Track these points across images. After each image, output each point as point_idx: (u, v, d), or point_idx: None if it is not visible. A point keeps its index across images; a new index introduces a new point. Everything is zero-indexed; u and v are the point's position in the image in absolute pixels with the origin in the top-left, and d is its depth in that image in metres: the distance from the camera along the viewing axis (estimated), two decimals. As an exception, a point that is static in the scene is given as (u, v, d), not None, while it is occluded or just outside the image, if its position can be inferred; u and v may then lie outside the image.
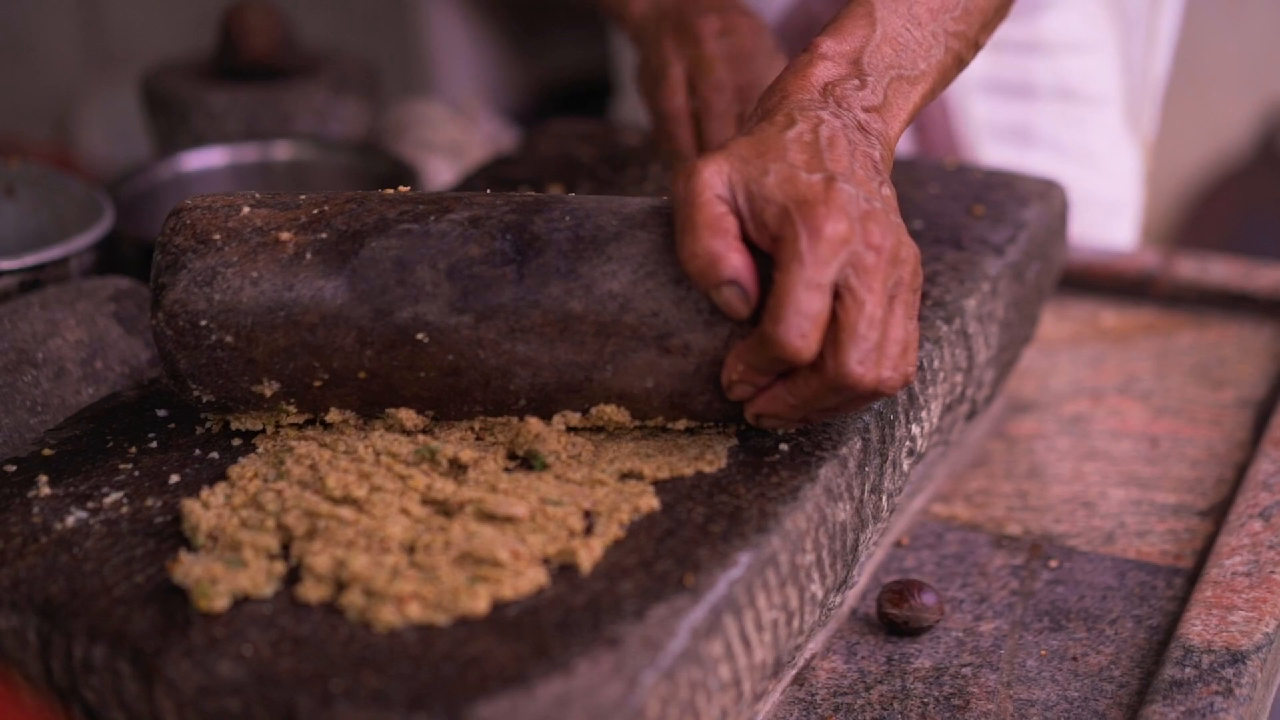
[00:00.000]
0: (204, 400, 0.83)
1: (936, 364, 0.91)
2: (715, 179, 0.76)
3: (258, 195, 0.84)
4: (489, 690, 0.65)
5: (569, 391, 0.80)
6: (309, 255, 0.80)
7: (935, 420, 0.92)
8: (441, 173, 1.42)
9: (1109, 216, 1.44)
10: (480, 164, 1.19)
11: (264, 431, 0.84)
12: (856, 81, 0.83)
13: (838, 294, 0.74)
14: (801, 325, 0.73)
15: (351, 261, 0.79)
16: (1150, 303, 1.28)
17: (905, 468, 0.88)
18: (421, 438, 0.81)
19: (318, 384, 0.80)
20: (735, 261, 0.75)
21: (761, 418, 0.79)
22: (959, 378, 0.94)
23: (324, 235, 0.80)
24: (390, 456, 0.79)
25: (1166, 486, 1.05)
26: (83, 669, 0.71)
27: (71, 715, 0.73)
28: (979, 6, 0.89)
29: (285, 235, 0.80)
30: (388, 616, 0.69)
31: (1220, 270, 1.28)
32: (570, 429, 0.81)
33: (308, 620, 0.70)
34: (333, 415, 0.82)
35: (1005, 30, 1.36)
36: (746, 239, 0.76)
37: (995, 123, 1.39)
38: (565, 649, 0.67)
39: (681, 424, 0.81)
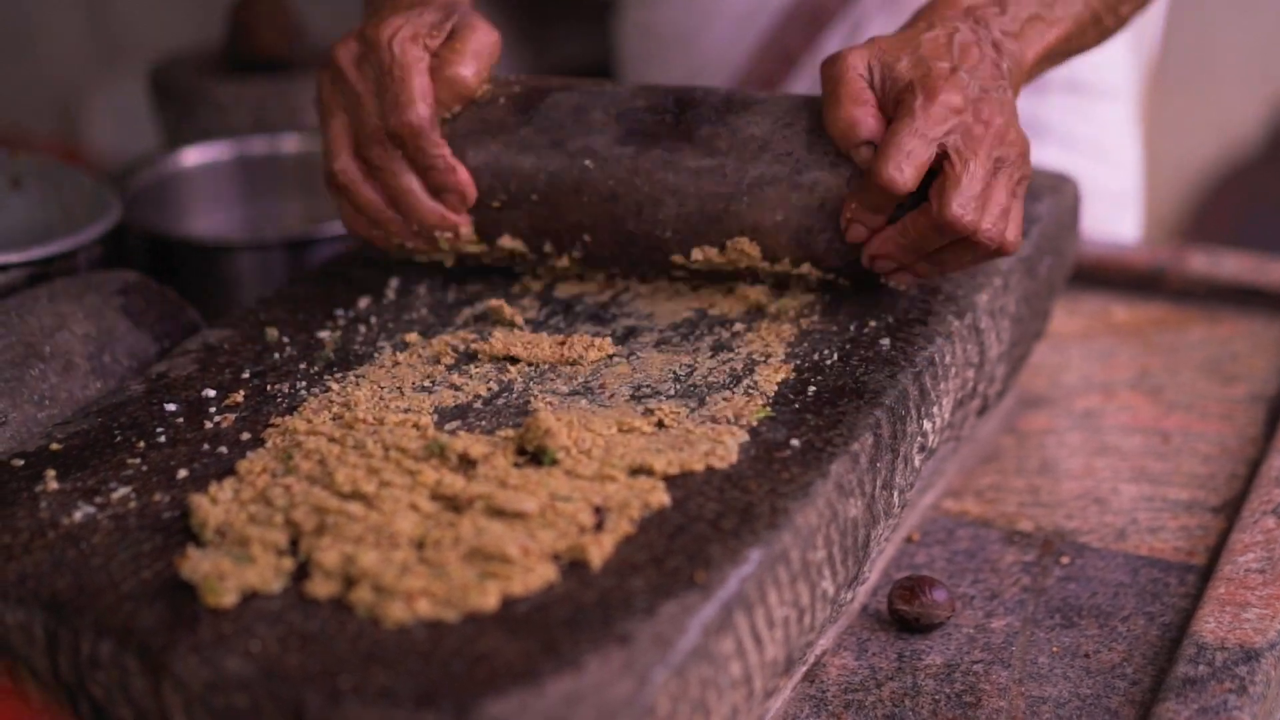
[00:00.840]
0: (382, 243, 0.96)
1: (948, 359, 0.90)
2: (858, 61, 0.88)
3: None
4: (498, 687, 0.65)
5: (709, 221, 0.91)
6: (502, 100, 0.94)
7: (947, 416, 0.91)
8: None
9: (1116, 209, 1.43)
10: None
11: (301, 397, 0.86)
12: (997, 9, 0.92)
13: (945, 155, 0.85)
14: (900, 160, 0.85)
15: (538, 105, 0.94)
16: (1161, 297, 1.27)
17: (917, 463, 0.88)
18: (431, 433, 0.81)
19: (496, 205, 0.94)
20: (871, 125, 0.87)
21: (876, 260, 0.89)
22: (971, 373, 0.94)
23: (517, 89, 0.95)
24: (399, 452, 0.79)
25: (1178, 482, 1.04)
26: (90, 665, 0.70)
27: (78, 711, 0.72)
28: None
29: (479, 84, 0.94)
30: (397, 613, 0.69)
31: (1232, 265, 1.27)
32: (706, 268, 0.92)
33: (316, 616, 0.70)
34: (504, 240, 0.94)
35: None
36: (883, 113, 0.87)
37: None
38: (575, 646, 0.67)
39: (805, 268, 0.91)
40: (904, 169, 0.85)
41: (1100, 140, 1.42)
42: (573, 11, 2.36)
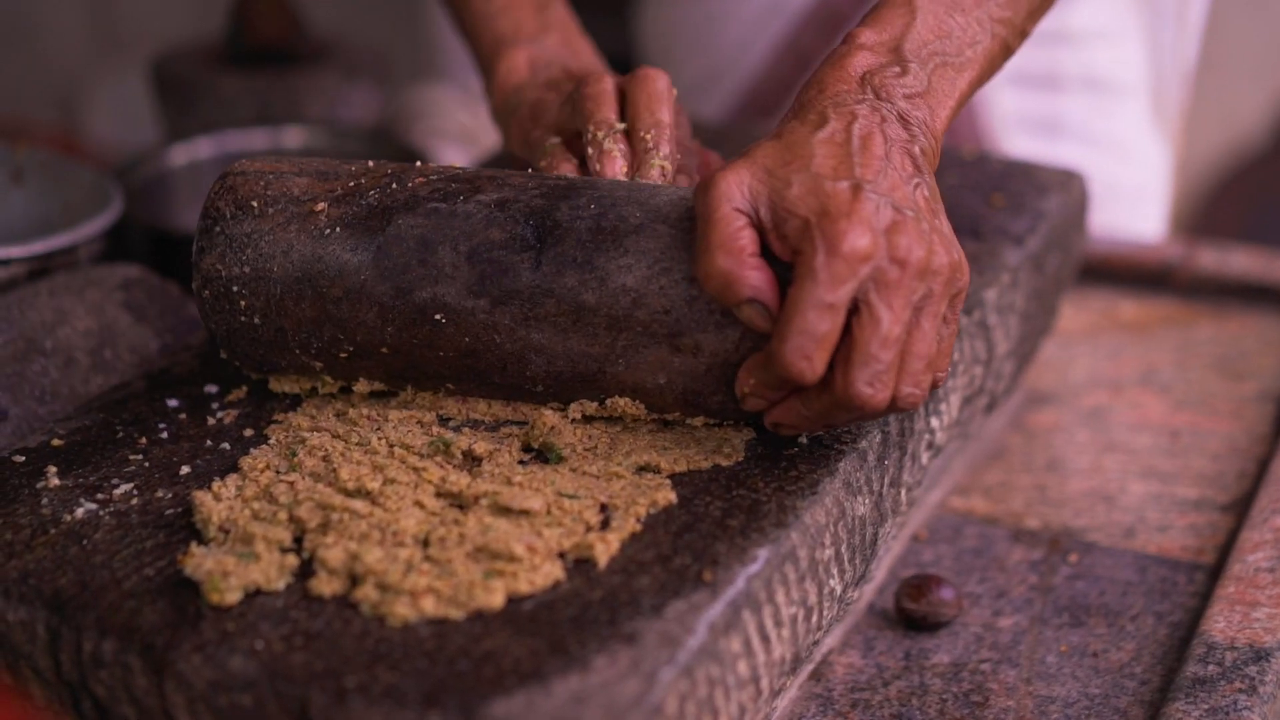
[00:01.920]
0: (241, 365, 0.85)
1: (956, 356, 0.90)
2: (735, 191, 0.74)
3: (304, 162, 0.85)
4: (504, 687, 0.64)
5: (583, 381, 0.80)
6: (339, 229, 0.81)
7: (954, 413, 0.91)
8: (454, 160, 1.41)
9: (1137, 206, 1.42)
10: (494, 154, 1.18)
11: (300, 397, 0.84)
12: (897, 69, 0.80)
13: (856, 309, 0.72)
14: (806, 346, 0.72)
15: (378, 238, 0.80)
16: (1170, 294, 1.27)
17: (924, 461, 0.87)
18: (436, 429, 0.80)
19: (344, 355, 0.82)
20: (753, 280, 0.73)
21: (779, 426, 0.78)
22: (978, 370, 0.93)
23: (355, 209, 0.82)
24: (404, 449, 0.78)
25: (1187, 480, 1.04)
26: (92, 663, 0.70)
27: (81, 710, 0.72)
28: None
29: (320, 206, 0.82)
30: (402, 611, 0.68)
31: (1241, 261, 1.26)
32: (587, 418, 0.81)
33: (321, 615, 0.69)
34: (360, 386, 0.83)
35: None
36: (770, 252, 0.74)
37: (1023, 114, 1.38)
38: (582, 645, 0.66)
39: (699, 421, 0.80)
40: (811, 356, 0.72)
41: (1120, 137, 1.41)
42: (580, 2, 2.35)
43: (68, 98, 2.56)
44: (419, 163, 0.86)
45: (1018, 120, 1.38)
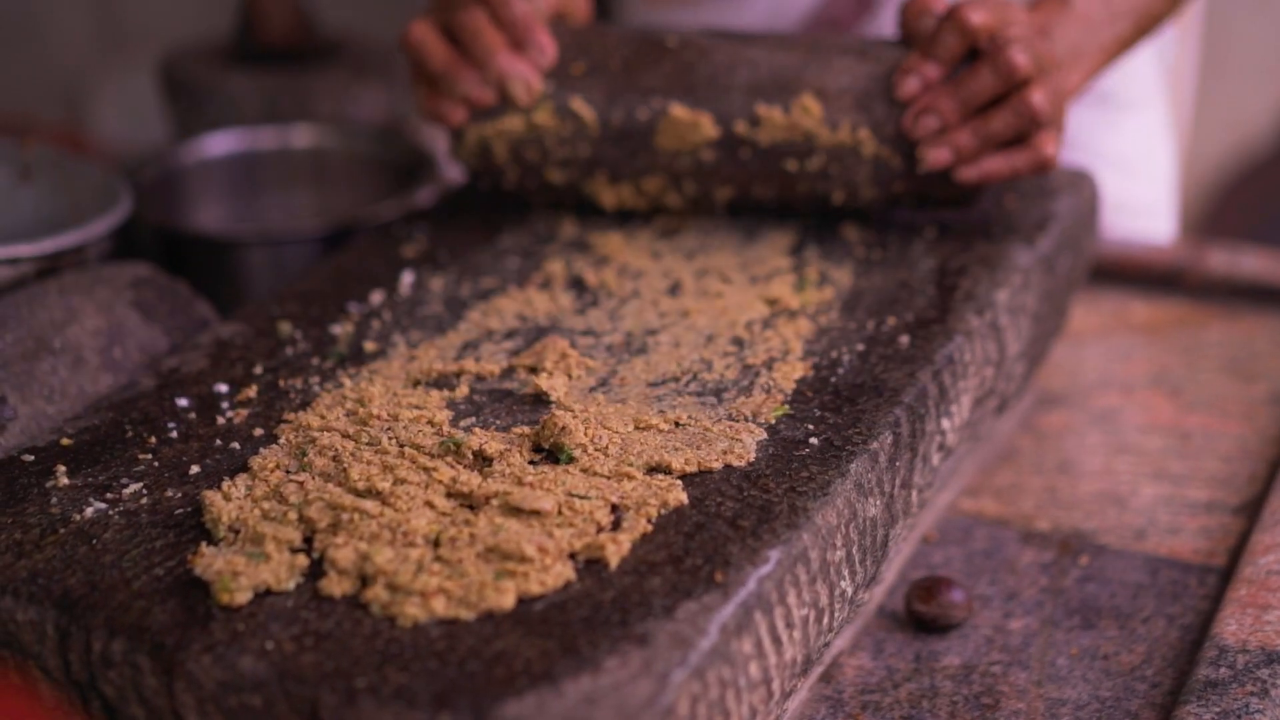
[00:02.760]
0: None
1: (967, 357, 0.89)
2: None
3: None
4: (515, 688, 0.64)
5: (779, 87, 0.98)
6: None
7: (966, 414, 0.90)
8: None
9: (1149, 220, 1.41)
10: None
11: (310, 394, 0.85)
12: None
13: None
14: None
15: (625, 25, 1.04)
16: (1181, 295, 1.26)
17: (935, 462, 0.87)
18: (447, 429, 0.80)
19: (576, 72, 1.00)
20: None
21: (921, 117, 0.95)
22: (990, 371, 0.93)
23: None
24: (414, 448, 0.78)
25: (1198, 482, 1.03)
26: (101, 663, 0.70)
27: (90, 710, 0.71)
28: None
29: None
30: (412, 611, 0.68)
31: (1252, 263, 1.26)
32: (767, 142, 0.98)
33: (331, 615, 0.69)
34: (575, 104, 0.99)
35: None
36: None
37: None
38: (593, 646, 0.66)
39: (864, 134, 0.97)
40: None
41: (1129, 153, 1.40)
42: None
43: (73, 96, 2.56)
44: None
45: None
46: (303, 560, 0.72)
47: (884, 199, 1.00)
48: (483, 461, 0.78)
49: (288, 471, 0.78)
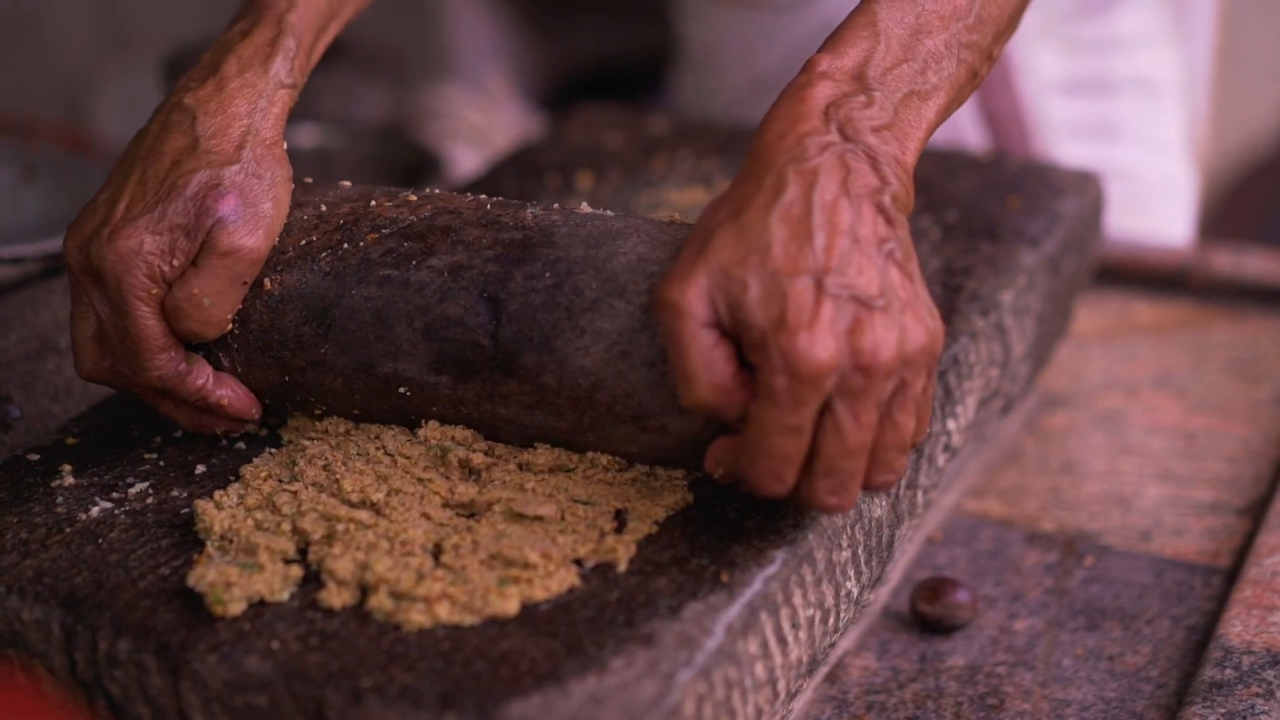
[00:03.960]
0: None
1: (972, 358, 0.89)
2: (697, 304, 0.68)
3: None
4: (521, 688, 0.64)
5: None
6: (292, 303, 0.79)
7: (971, 415, 0.90)
8: (467, 160, 1.41)
9: (1183, 204, 1.42)
10: (507, 153, 1.18)
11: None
12: (863, 98, 0.74)
13: (821, 415, 0.68)
14: (775, 469, 0.69)
15: (333, 310, 0.79)
16: (1186, 296, 1.26)
17: (941, 463, 0.87)
18: (435, 438, 0.79)
19: (319, 412, 0.82)
20: (737, 400, 0.69)
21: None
22: (994, 372, 0.93)
23: (307, 277, 0.79)
24: (405, 458, 0.77)
25: (1203, 483, 1.03)
26: (107, 663, 0.69)
27: (95, 709, 0.71)
28: (992, 16, 0.80)
29: (268, 283, 0.80)
30: (417, 618, 0.68)
31: (1257, 264, 1.26)
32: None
33: (335, 616, 0.69)
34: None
35: (1080, 30, 1.35)
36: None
37: (1076, 121, 1.38)
38: (599, 646, 0.66)
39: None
40: (782, 477, 0.69)
41: (1169, 136, 1.41)
42: (587, 2, 2.35)
43: (74, 95, 2.56)
44: (376, 198, 0.83)
45: (1071, 128, 1.37)
46: (297, 571, 0.71)
47: None
48: (470, 473, 0.77)
49: (280, 481, 0.77)
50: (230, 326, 0.80)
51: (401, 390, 0.78)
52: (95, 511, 0.76)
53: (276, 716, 0.66)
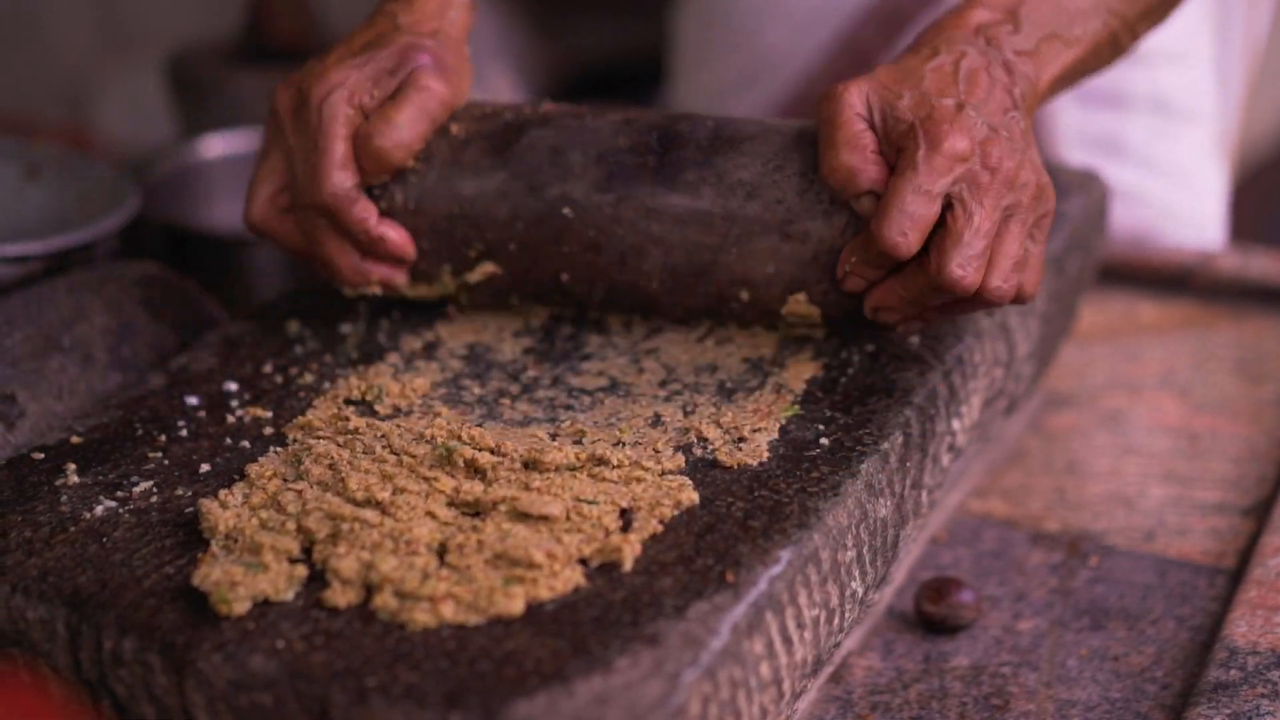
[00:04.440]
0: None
1: (977, 358, 0.89)
2: (856, 99, 0.82)
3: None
4: (526, 688, 0.64)
5: (697, 272, 0.86)
6: (475, 142, 0.88)
7: (975, 414, 0.90)
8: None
9: (1198, 232, 1.39)
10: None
11: (320, 389, 0.85)
12: (1010, 26, 0.86)
13: (949, 205, 0.80)
14: (903, 224, 0.79)
15: (514, 146, 0.88)
16: (1189, 296, 1.26)
17: (945, 463, 0.87)
18: (440, 437, 0.79)
19: (473, 254, 0.88)
20: (872, 173, 0.81)
21: (878, 311, 0.84)
22: (999, 371, 0.93)
23: (490, 125, 0.89)
24: (410, 457, 0.77)
25: (1207, 483, 1.03)
26: (112, 662, 0.69)
27: (100, 709, 0.71)
28: None
29: (454, 128, 0.88)
30: (422, 617, 0.67)
31: (1261, 264, 1.26)
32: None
33: (340, 616, 0.69)
34: (484, 268, 0.88)
35: None
36: (884, 157, 0.82)
37: (1085, 131, 1.35)
38: (604, 646, 0.66)
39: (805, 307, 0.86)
40: (908, 233, 0.79)
41: (1182, 162, 1.37)
42: (590, 1, 2.35)
43: (76, 94, 2.56)
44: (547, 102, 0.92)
45: (1078, 138, 1.36)
46: (302, 570, 0.71)
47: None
48: (475, 472, 0.77)
49: (285, 480, 0.77)
50: (412, 163, 0.87)
51: (565, 211, 0.86)
52: (100, 510, 0.76)
53: (281, 716, 0.66)
